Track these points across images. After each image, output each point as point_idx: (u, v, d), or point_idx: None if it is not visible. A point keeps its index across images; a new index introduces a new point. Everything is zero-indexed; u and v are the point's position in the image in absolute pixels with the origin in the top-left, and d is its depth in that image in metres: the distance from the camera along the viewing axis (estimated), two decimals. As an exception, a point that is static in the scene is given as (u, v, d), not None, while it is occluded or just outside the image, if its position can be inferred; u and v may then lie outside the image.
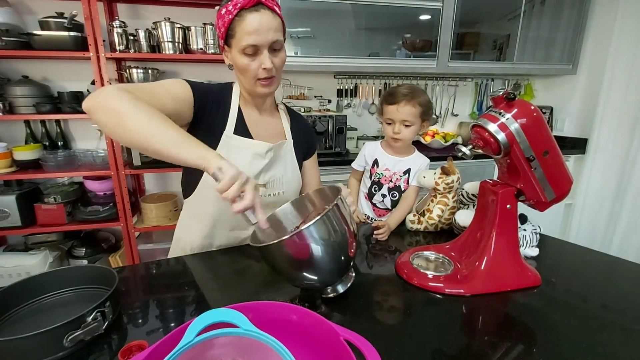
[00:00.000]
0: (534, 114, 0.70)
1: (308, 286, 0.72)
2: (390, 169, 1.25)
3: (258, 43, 0.81)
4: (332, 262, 0.65)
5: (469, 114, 2.86)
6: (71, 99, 1.93)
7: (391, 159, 1.26)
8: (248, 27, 0.80)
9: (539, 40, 2.45)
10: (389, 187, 1.26)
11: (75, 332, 0.55)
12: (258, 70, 0.85)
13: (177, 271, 0.87)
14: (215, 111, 0.90)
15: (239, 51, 0.83)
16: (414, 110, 1.16)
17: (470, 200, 1.04)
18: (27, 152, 1.92)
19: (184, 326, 0.41)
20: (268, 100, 0.99)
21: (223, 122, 0.91)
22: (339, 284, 0.70)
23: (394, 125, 1.19)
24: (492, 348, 0.59)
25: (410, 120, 1.17)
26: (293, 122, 1.05)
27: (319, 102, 2.42)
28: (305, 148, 1.07)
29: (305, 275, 0.66)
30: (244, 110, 0.95)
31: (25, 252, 1.98)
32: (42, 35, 1.74)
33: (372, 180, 1.28)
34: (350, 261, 0.70)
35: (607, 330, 0.64)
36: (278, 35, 0.84)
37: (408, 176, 1.24)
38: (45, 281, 0.68)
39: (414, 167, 1.24)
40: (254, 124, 0.95)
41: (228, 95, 0.94)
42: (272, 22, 0.82)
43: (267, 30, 0.81)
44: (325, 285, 0.70)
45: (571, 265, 0.93)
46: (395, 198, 1.25)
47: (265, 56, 0.83)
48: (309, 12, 2.04)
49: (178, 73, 2.23)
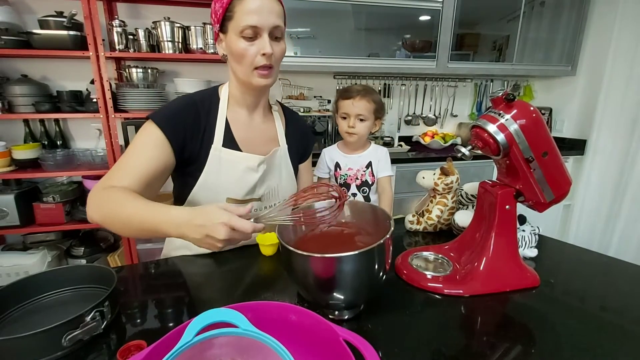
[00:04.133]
0: (534, 115, 0.70)
1: (318, 301, 0.66)
2: (353, 167, 1.27)
3: (258, 24, 0.76)
4: (357, 292, 0.62)
5: (468, 114, 2.87)
6: (70, 98, 1.93)
7: (351, 158, 1.28)
8: (249, 5, 0.76)
9: (538, 42, 2.46)
10: (356, 184, 1.27)
11: (73, 331, 0.55)
12: (256, 57, 0.79)
13: (176, 271, 0.87)
14: (197, 132, 0.85)
15: (236, 34, 0.78)
16: (369, 105, 1.19)
17: (470, 201, 1.04)
18: (26, 151, 1.91)
19: (183, 326, 0.41)
20: (261, 100, 0.93)
21: (210, 137, 0.86)
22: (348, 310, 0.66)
23: (349, 119, 1.22)
24: (491, 348, 0.59)
25: (364, 114, 1.20)
26: (289, 124, 1.01)
27: (318, 102, 2.42)
28: (302, 151, 1.05)
29: (324, 294, 0.61)
30: (233, 116, 0.90)
31: (23, 252, 1.97)
32: (41, 34, 1.74)
33: (339, 183, 1.29)
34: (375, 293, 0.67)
35: (605, 331, 0.64)
36: (279, 21, 0.80)
37: (371, 169, 1.27)
38: (44, 281, 0.68)
39: (374, 159, 1.27)
40: (243, 131, 0.91)
41: (214, 103, 0.89)
42: (274, 5, 0.78)
43: (268, 12, 0.77)
44: (338, 309, 0.66)
45: (570, 266, 0.93)
46: (366, 193, 1.28)
47: (265, 40, 0.78)
48: (309, 12, 2.04)
49: (178, 73, 2.23)
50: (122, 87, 1.92)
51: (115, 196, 0.70)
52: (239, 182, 0.89)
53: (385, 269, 0.62)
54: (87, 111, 1.90)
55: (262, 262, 0.89)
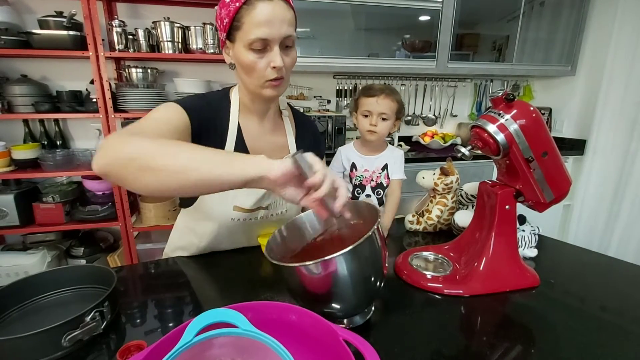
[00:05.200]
0: (533, 115, 0.70)
1: (326, 312, 0.62)
2: (369, 169, 1.26)
3: (269, 37, 0.71)
4: (358, 295, 0.59)
5: (468, 114, 2.87)
6: (70, 98, 1.92)
7: (367, 159, 1.27)
8: (258, 17, 0.70)
9: (538, 42, 2.46)
10: (371, 186, 1.26)
11: (73, 331, 0.55)
12: (266, 70, 0.75)
13: (175, 271, 0.87)
14: (213, 128, 0.82)
15: (245, 46, 0.73)
16: (392, 105, 1.18)
17: (469, 201, 1.04)
18: (26, 151, 1.91)
19: (183, 326, 0.41)
20: (272, 106, 0.90)
21: (221, 141, 0.83)
22: (357, 316, 0.64)
23: (371, 117, 1.19)
24: (490, 348, 0.59)
25: (387, 113, 1.18)
26: (299, 129, 0.98)
27: (318, 102, 2.42)
28: None
29: (324, 304, 0.59)
30: (244, 123, 0.87)
31: (23, 252, 1.97)
32: (41, 34, 1.74)
33: (354, 184, 1.28)
34: (377, 294, 0.63)
35: (605, 331, 0.64)
36: (291, 30, 0.74)
37: (387, 171, 1.25)
38: (44, 281, 0.68)
39: (390, 161, 1.25)
40: (254, 139, 0.87)
41: (225, 107, 0.85)
42: (285, 13, 0.72)
43: (280, 22, 0.71)
44: (344, 316, 0.63)
45: (570, 266, 0.93)
46: (380, 195, 1.26)
47: (275, 53, 0.73)
48: (309, 12, 2.04)
49: (177, 73, 2.23)
50: (121, 87, 1.92)
51: (157, 139, 0.58)
52: (247, 192, 0.85)
53: (382, 264, 0.59)
54: (87, 111, 1.90)
55: (263, 262, 0.89)
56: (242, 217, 0.87)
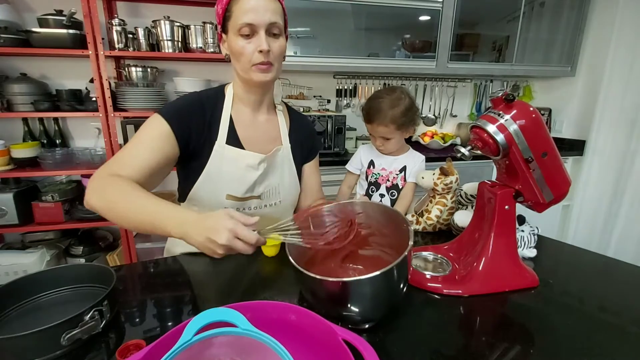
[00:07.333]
0: (533, 115, 0.70)
1: (340, 317, 0.62)
2: (387, 169, 1.26)
3: (254, 22, 0.78)
4: (379, 309, 0.61)
5: (467, 115, 2.87)
6: (69, 97, 1.92)
7: (387, 159, 1.27)
8: (245, 5, 0.78)
9: (538, 42, 2.46)
10: (386, 186, 1.26)
11: (72, 330, 0.55)
12: (254, 54, 0.81)
13: (175, 270, 0.87)
14: (202, 128, 0.87)
15: (234, 33, 0.80)
16: (387, 129, 1.16)
17: (469, 201, 1.04)
18: (25, 150, 1.91)
19: (182, 325, 0.41)
20: (265, 99, 0.94)
21: (214, 134, 0.88)
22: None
23: (374, 139, 1.24)
24: (489, 348, 0.59)
25: (387, 135, 1.19)
26: (293, 124, 1.02)
27: (318, 102, 2.42)
28: (306, 152, 1.04)
29: (344, 312, 0.59)
30: (237, 114, 0.92)
31: (22, 251, 1.97)
32: (40, 32, 1.73)
33: (369, 181, 1.28)
34: (394, 307, 0.66)
35: (604, 331, 0.64)
36: (276, 17, 0.81)
37: (404, 174, 1.25)
38: (43, 280, 0.68)
39: (409, 164, 1.26)
40: (246, 130, 0.92)
41: (219, 101, 0.91)
42: (270, 3, 0.79)
43: (264, 10, 0.78)
44: (360, 323, 0.63)
45: (569, 267, 0.93)
46: (394, 197, 1.26)
47: (261, 37, 0.79)
48: (309, 12, 2.04)
49: (177, 72, 2.22)
50: (121, 86, 1.92)
51: (120, 185, 0.70)
52: (239, 180, 0.89)
53: (406, 280, 0.60)
54: (87, 110, 1.90)
55: (263, 262, 0.89)
56: (235, 205, 0.91)
